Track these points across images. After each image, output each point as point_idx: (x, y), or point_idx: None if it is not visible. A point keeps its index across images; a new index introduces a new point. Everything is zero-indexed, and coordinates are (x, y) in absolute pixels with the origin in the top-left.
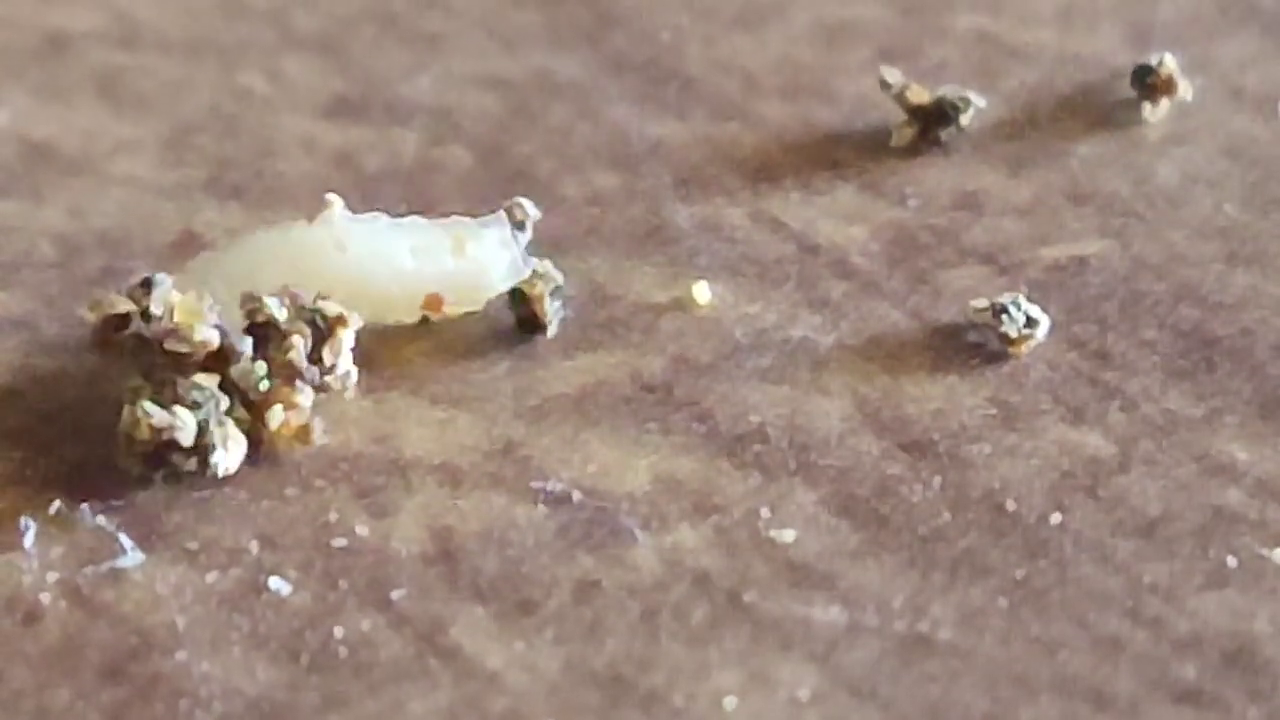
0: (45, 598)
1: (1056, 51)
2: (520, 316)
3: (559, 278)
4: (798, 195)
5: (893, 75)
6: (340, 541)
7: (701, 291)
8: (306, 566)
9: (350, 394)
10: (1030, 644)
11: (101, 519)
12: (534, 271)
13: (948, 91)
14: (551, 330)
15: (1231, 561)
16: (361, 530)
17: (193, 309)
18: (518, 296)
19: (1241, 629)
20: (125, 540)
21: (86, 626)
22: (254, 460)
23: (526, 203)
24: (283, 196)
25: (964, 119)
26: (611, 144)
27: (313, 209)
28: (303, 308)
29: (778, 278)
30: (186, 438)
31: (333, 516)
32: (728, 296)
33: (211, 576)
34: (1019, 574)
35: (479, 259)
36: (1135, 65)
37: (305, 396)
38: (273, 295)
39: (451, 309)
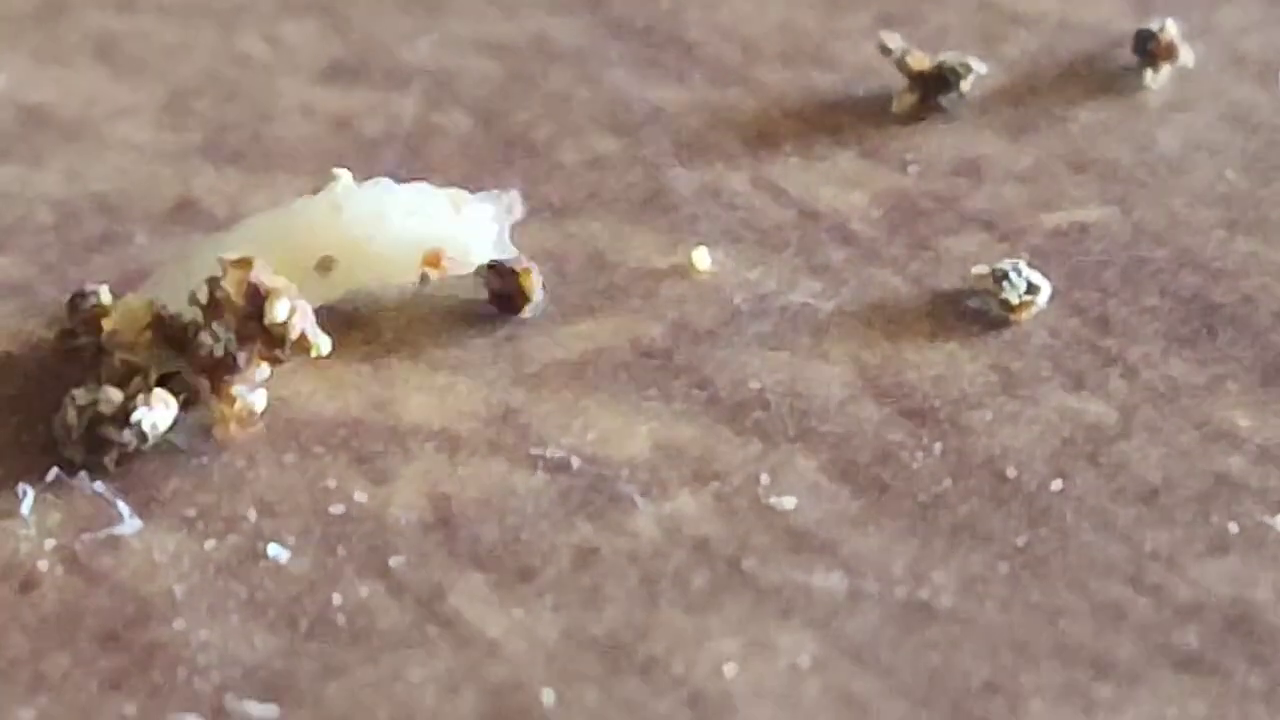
0: (43, 565)
1: (1058, 17)
2: (500, 289)
3: (533, 268)
4: (798, 161)
5: (893, 41)
6: (339, 508)
7: (701, 257)
8: (305, 533)
9: (322, 352)
10: (1031, 611)
11: (99, 486)
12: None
13: (948, 57)
14: (529, 310)
15: (1233, 528)
16: (360, 497)
17: (124, 314)
18: (503, 273)
19: (1242, 596)
20: (123, 507)
21: (84, 594)
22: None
23: (515, 195)
24: (281, 161)
25: (965, 85)
26: (611, 109)
27: (312, 173)
28: (245, 284)
29: (778, 244)
30: (109, 407)
31: (331, 483)
32: (728, 262)
33: (209, 543)
34: (1020, 541)
35: (472, 222)
36: (1136, 31)
37: (238, 384)
38: (205, 280)
39: (451, 267)
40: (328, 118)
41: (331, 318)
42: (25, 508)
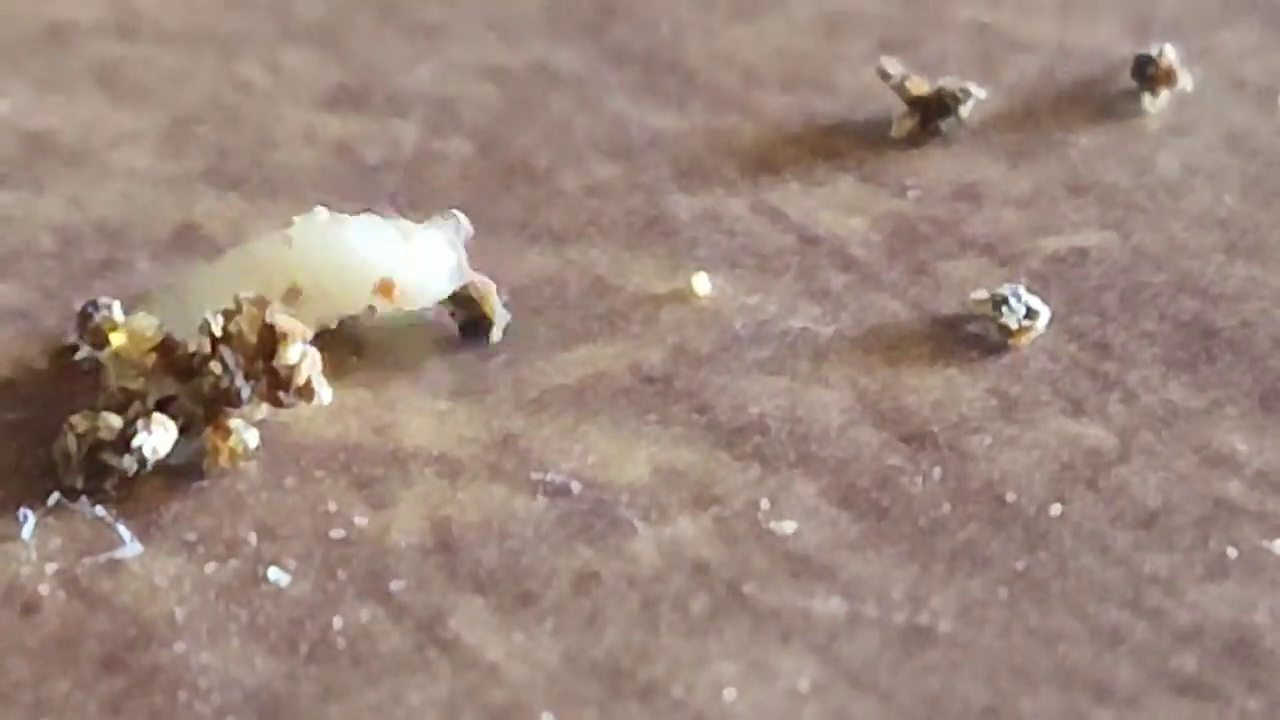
0: (44, 588)
1: (1057, 42)
2: (465, 320)
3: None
4: (798, 186)
5: (893, 66)
6: (339, 532)
7: (701, 283)
8: (305, 557)
9: (323, 402)
10: (1030, 635)
11: (100, 510)
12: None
13: (948, 82)
14: (496, 333)
15: (1232, 553)
16: (360, 521)
17: (131, 335)
18: (462, 300)
19: (1242, 620)
20: (124, 531)
21: (85, 617)
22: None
23: (463, 218)
24: (282, 187)
25: (964, 110)
26: (611, 135)
27: (314, 199)
28: (261, 321)
29: (778, 269)
30: (109, 433)
31: (331, 507)
32: (727, 288)
33: (210, 567)
34: (1019, 565)
35: (426, 253)
36: (1135, 56)
37: (236, 420)
38: (221, 310)
39: (401, 300)
40: (329, 144)
41: (332, 342)
42: (26, 532)
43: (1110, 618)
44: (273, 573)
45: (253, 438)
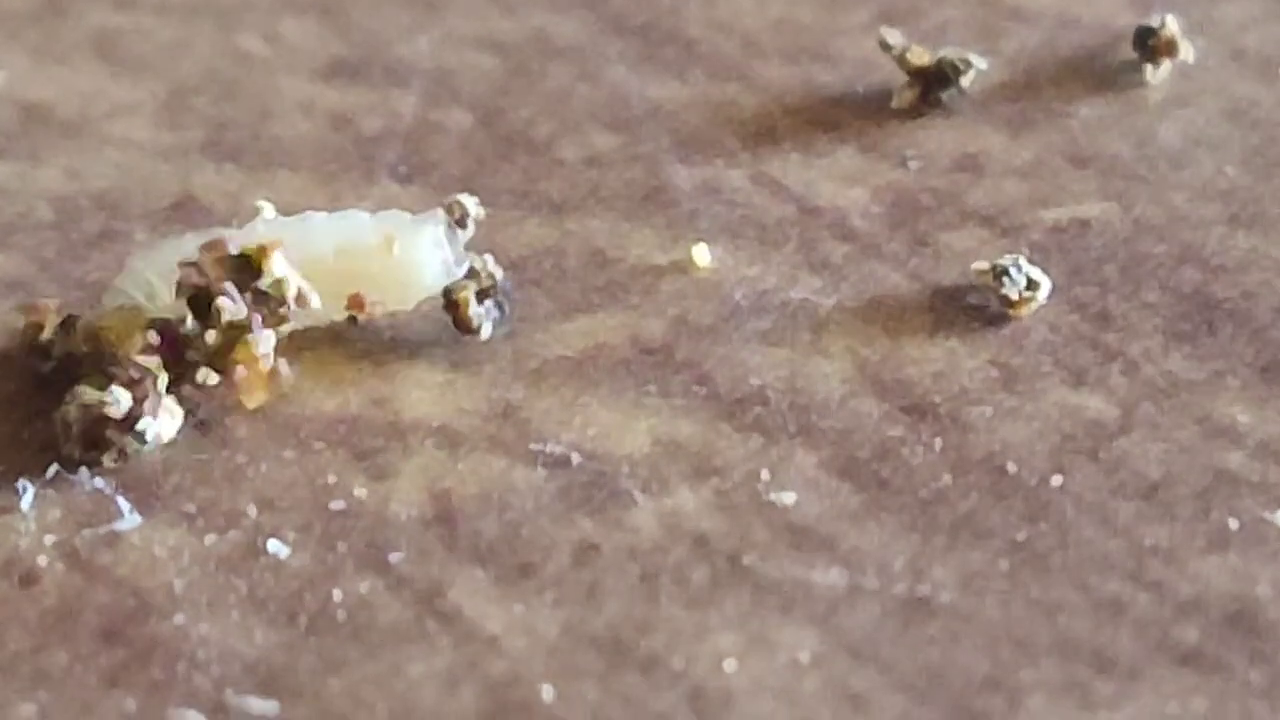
0: (42, 560)
1: (1058, 13)
2: (453, 318)
3: (496, 274)
4: (798, 157)
5: (894, 37)
6: (339, 504)
7: (701, 254)
8: (305, 529)
9: (315, 306)
10: (1031, 607)
11: (99, 481)
12: (470, 269)
13: (949, 53)
14: (484, 333)
15: (1233, 524)
16: (360, 493)
17: (123, 326)
18: (447, 298)
19: (1243, 592)
20: (123, 503)
21: (84, 589)
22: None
23: (468, 200)
24: (280, 159)
25: (965, 81)
26: (611, 105)
27: (311, 169)
28: (228, 257)
29: (778, 240)
30: (118, 411)
31: (331, 479)
32: (728, 259)
33: (209, 539)
34: (1020, 536)
35: (408, 259)
36: (1137, 27)
37: (262, 343)
38: (186, 265)
39: (377, 309)
40: (327, 115)
41: None
42: (25, 503)
43: (1111, 589)
44: (272, 544)
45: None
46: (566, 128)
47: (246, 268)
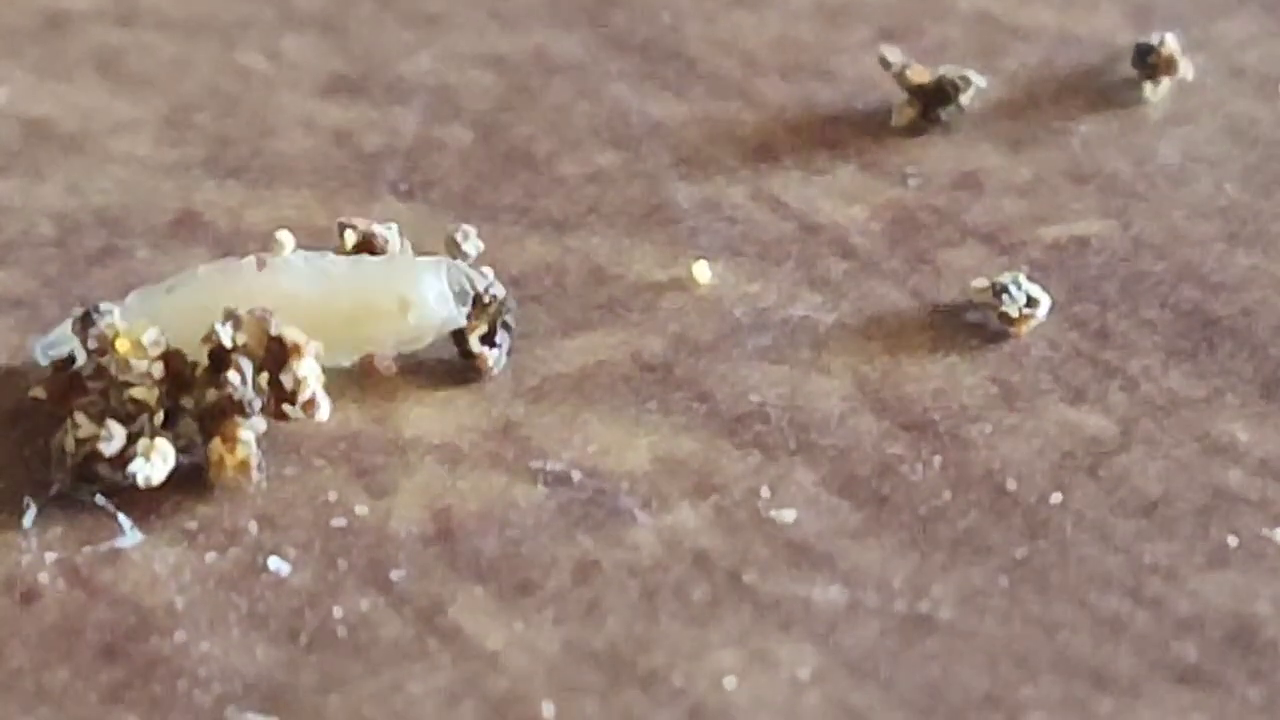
0: (44, 577)
1: (1057, 31)
2: (467, 359)
3: (498, 293)
4: (798, 174)
5: (893, 54)
6: (339, 521)
7: (702, 271)
8: (305, 546)
9: (322, 418)
10: (1031, 624)
11: (100, 499)
12: (474, 298)
13: (948, 71)
14: (497, 370)
15: (1232, 541)
16: (361, 510)
17: (134, 342)
18: (460, 345)
19: (1243, 609)
20: (124, 520)
21: (85, 606)
22: (200, 486)
23: (470, 230)
24: (282, 175)
25: (965, 98)
26: (611, 123)
27: (312, 186)
28: (265, 334)
29: (778, 257)
30: (110, 448)
31: (332, 496)
32: (728, 276)
33: (210, 556)
34: (1019, 554)
35: (419, 319)
36: (1136, 44)
37: (246, 431)
38: (227, 318)
39: (388, 366)
40: (329, 132)
41: None
42: (27, 520)
43: (1111, 606)
44: (273, 562)
45: (256, 454)
46: (567, 145)
47: (279, 351)
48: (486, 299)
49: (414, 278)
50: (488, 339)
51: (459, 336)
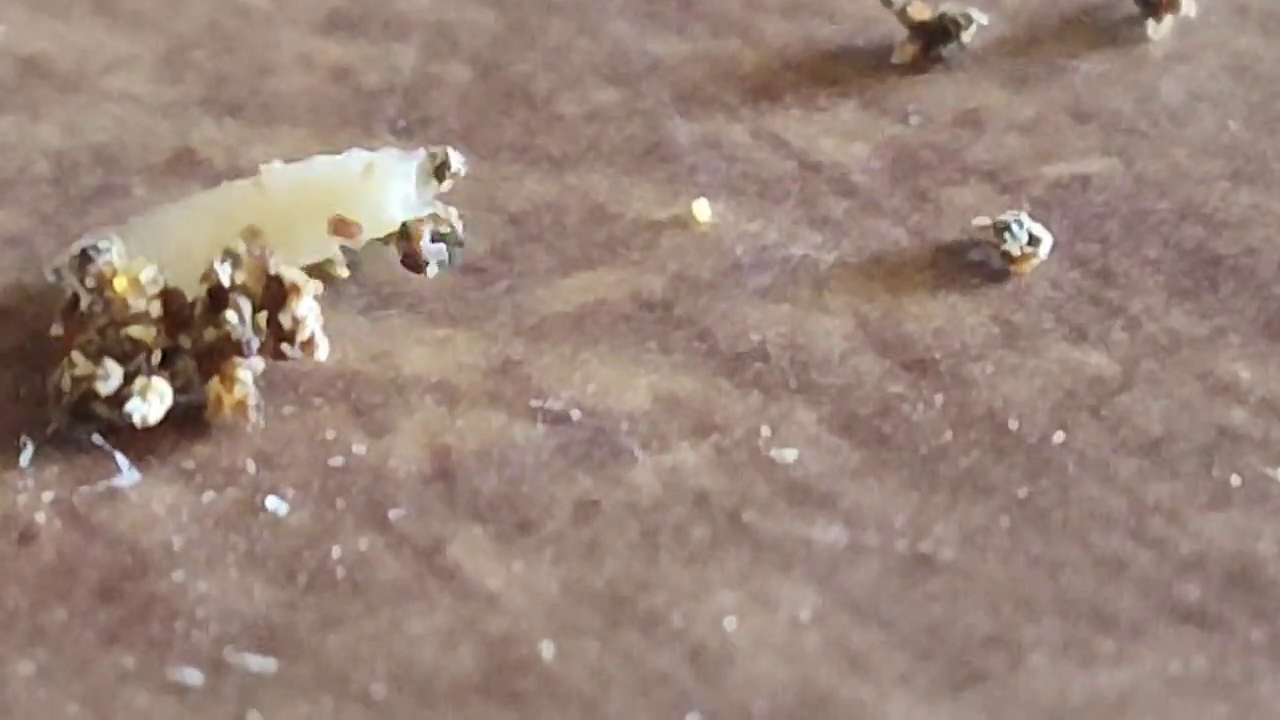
0: (40, 517)
1: None
2: (403, 254)
3: (457, 226)
4: (799, 112)
5: None
6: (338, 460)
7: (702, 209)
8: (304, 486)
9: (320, 357)
10: (1032, 564)
11: (97, 438)
12: (432, 214)
13: (950, 8)
14: (430, 271)
15: (1235, 481)
16: (359, 449)
17: (132, 280)
18: (402, 232)
19: (1245, 549)
20: (121, 459)
21: (82, 546)
22: (197, 425)
23: (453, 154)
24: (280, 113)
25: (966, 36)
26: (611, 60)
27: (311, 124)
28: (264, 273)
29: (778, 195)
30: (107, 387)
31: (330, 435)
32: (728, 214)
33: (208, 496)
34: (1021, 494)
35: (382, 183)
36: None
37: (244, 370)
38: (226, 258)
39: (359, 232)
40: (327, 69)
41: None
42: (24, 460)
43: (1113, 546)
44: (271, 501)
45: (254, 393)
46: (566, 82)
47: (277, 290)
48: (442, 219)
49: (390, 156)
50: (433, 241)
51: (405, 234)
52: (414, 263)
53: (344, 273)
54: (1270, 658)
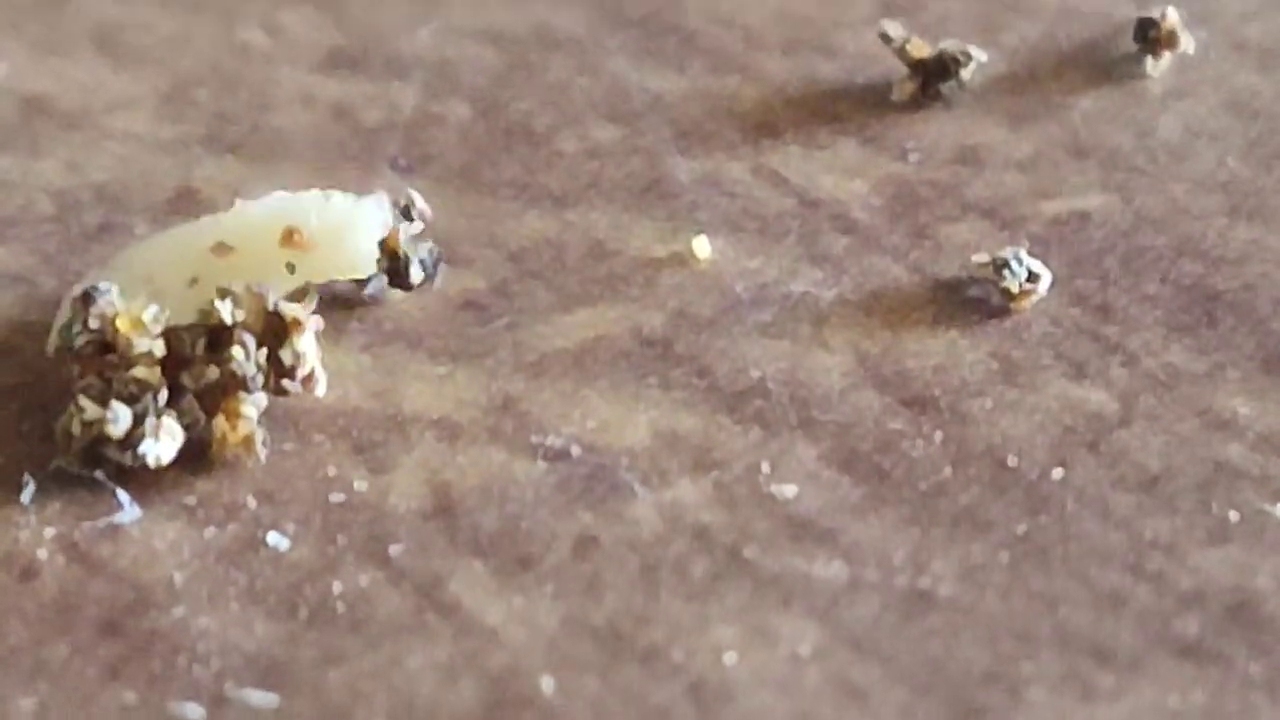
0: (42, 553)
1: (1058, 5)
2: (388, 269)
3: (424, 210)
4: (798, 150)
5: (894, 29)
6: (339, 497)
7: (702, 246)
8: (305, 522)
9: (320, 393)
10: (1032, 599)
11: (99, 474)
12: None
13: (949, 45)
14: (414, 276)
15: (1233, 516)
16: (360, 485)
17: (134, 320)
18: (382, 247)
19: (1243, 584)
20: (123, 496)
21: (84, 582)
22: (201, 461)
23: (417, 197)
24: (281, 151)
25: (965, 73)
26: (611, 98)
27: (312, 161)
28: (263, 309)
29: (779, 232)
30: (118, 430)
31: (331, 471)
32: (728, 251)
33: (209, 532)
34: (1020, 529)
35: (345, 208)
36: (1137, 19)
37: (249, 406)
38: (226, 296)
39: (317, 259)
40: (328, 107)
41: (331, 306)
42: (26, 496)
43: (1112, 581)
44: (272, 537)
45: (259, 431)
46: (567, 120)
47: (278, 326)
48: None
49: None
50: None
51: (385, 246)
52: (400, 277)
53: (313, 299)
54: (1268, 692)
